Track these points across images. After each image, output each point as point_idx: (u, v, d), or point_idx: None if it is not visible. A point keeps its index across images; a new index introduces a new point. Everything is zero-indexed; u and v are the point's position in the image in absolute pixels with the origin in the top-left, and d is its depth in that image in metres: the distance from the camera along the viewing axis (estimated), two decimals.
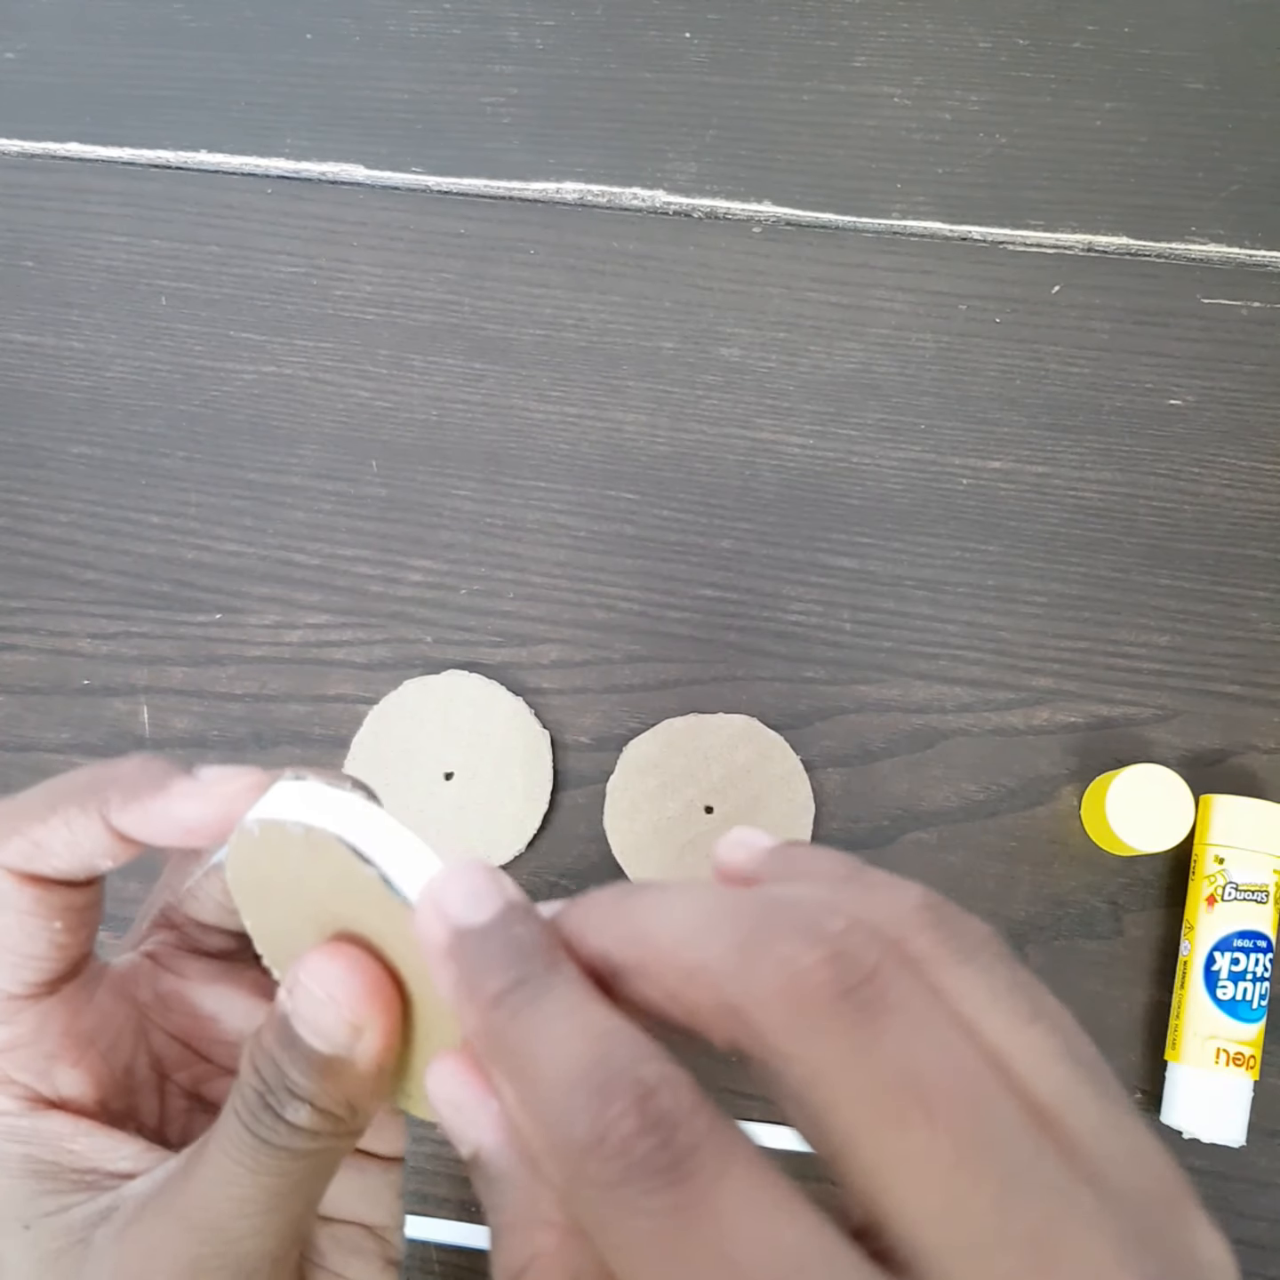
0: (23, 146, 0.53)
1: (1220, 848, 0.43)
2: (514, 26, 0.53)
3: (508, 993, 0.16)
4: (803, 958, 0.15)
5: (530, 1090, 0.16)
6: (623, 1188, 0.14)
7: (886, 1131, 0.14)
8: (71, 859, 0.22)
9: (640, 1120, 0.14)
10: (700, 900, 0.17)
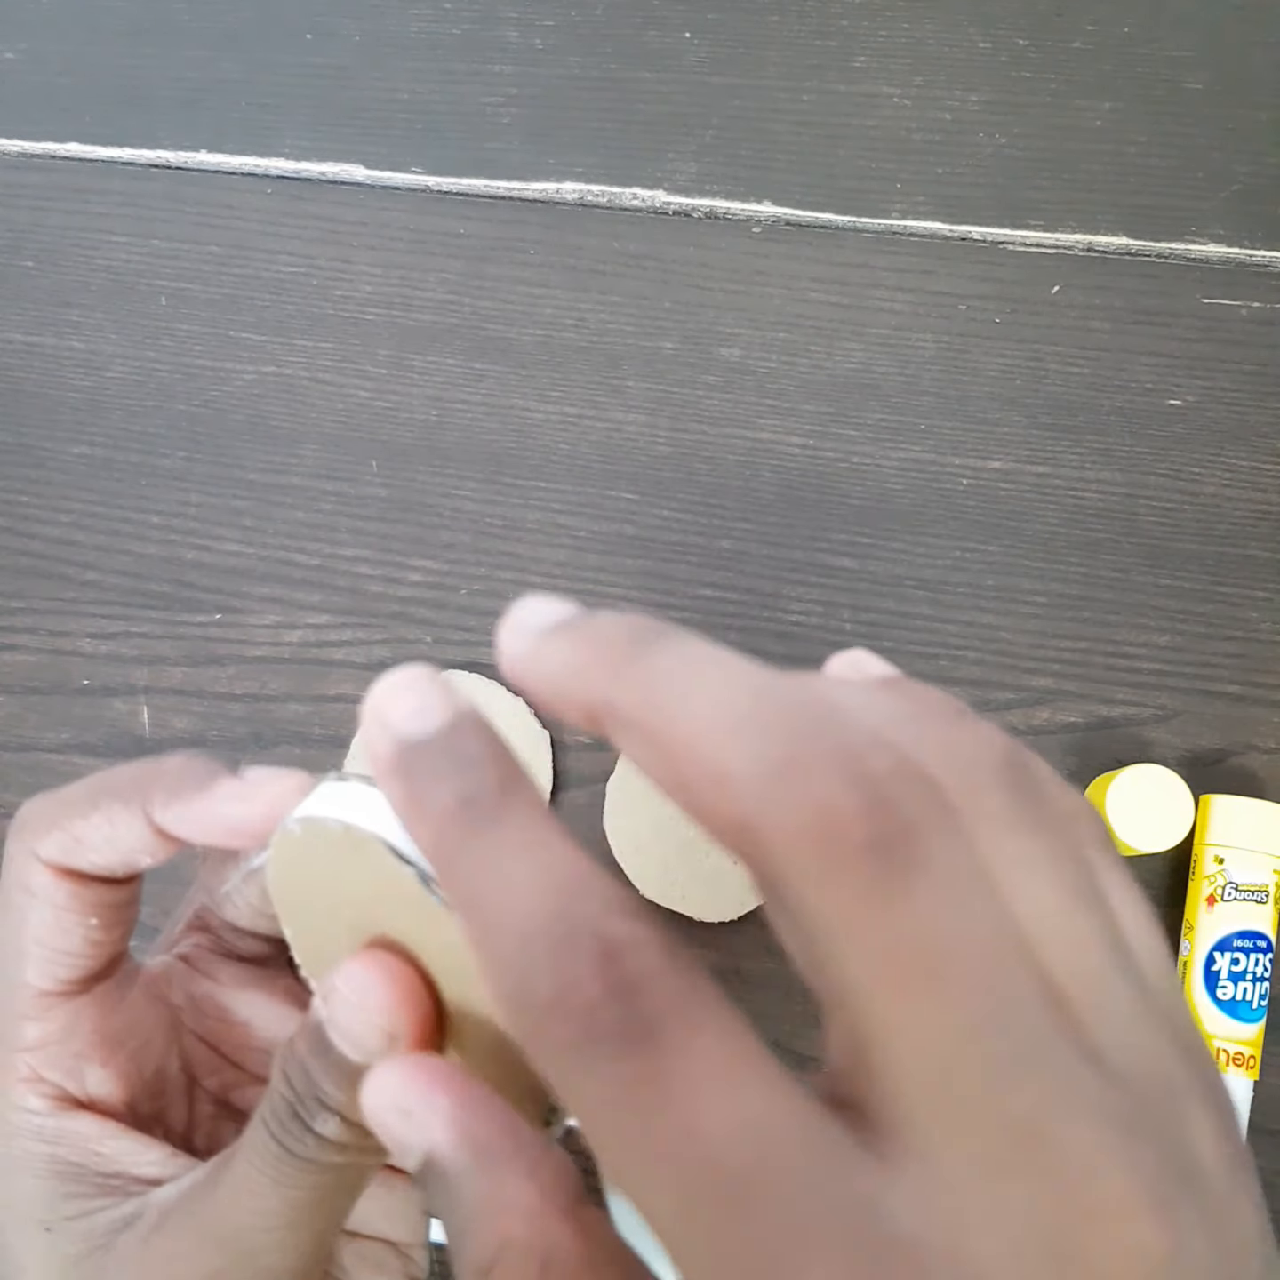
0: (23, 146, 0.53)
1: (1220, 848, 0.43)
2: (514, 26, 0.53)
3: (457, 811, 0.15)
4: (839, 798, 0.14)
5: (484, 933, 0.15)
6: (583, 1050, 0.13)
7: (892, 995, 0.13)
8: (111, 854, 0.22)
9: (603, 982, 0.13)
10: (738, 683, 0.15)
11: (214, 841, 0.22)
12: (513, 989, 0.14)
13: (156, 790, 0.22)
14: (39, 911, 0.22)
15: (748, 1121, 0.13)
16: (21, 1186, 0.22)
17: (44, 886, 0.22)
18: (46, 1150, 0.22)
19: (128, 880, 0.23)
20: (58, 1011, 0.22)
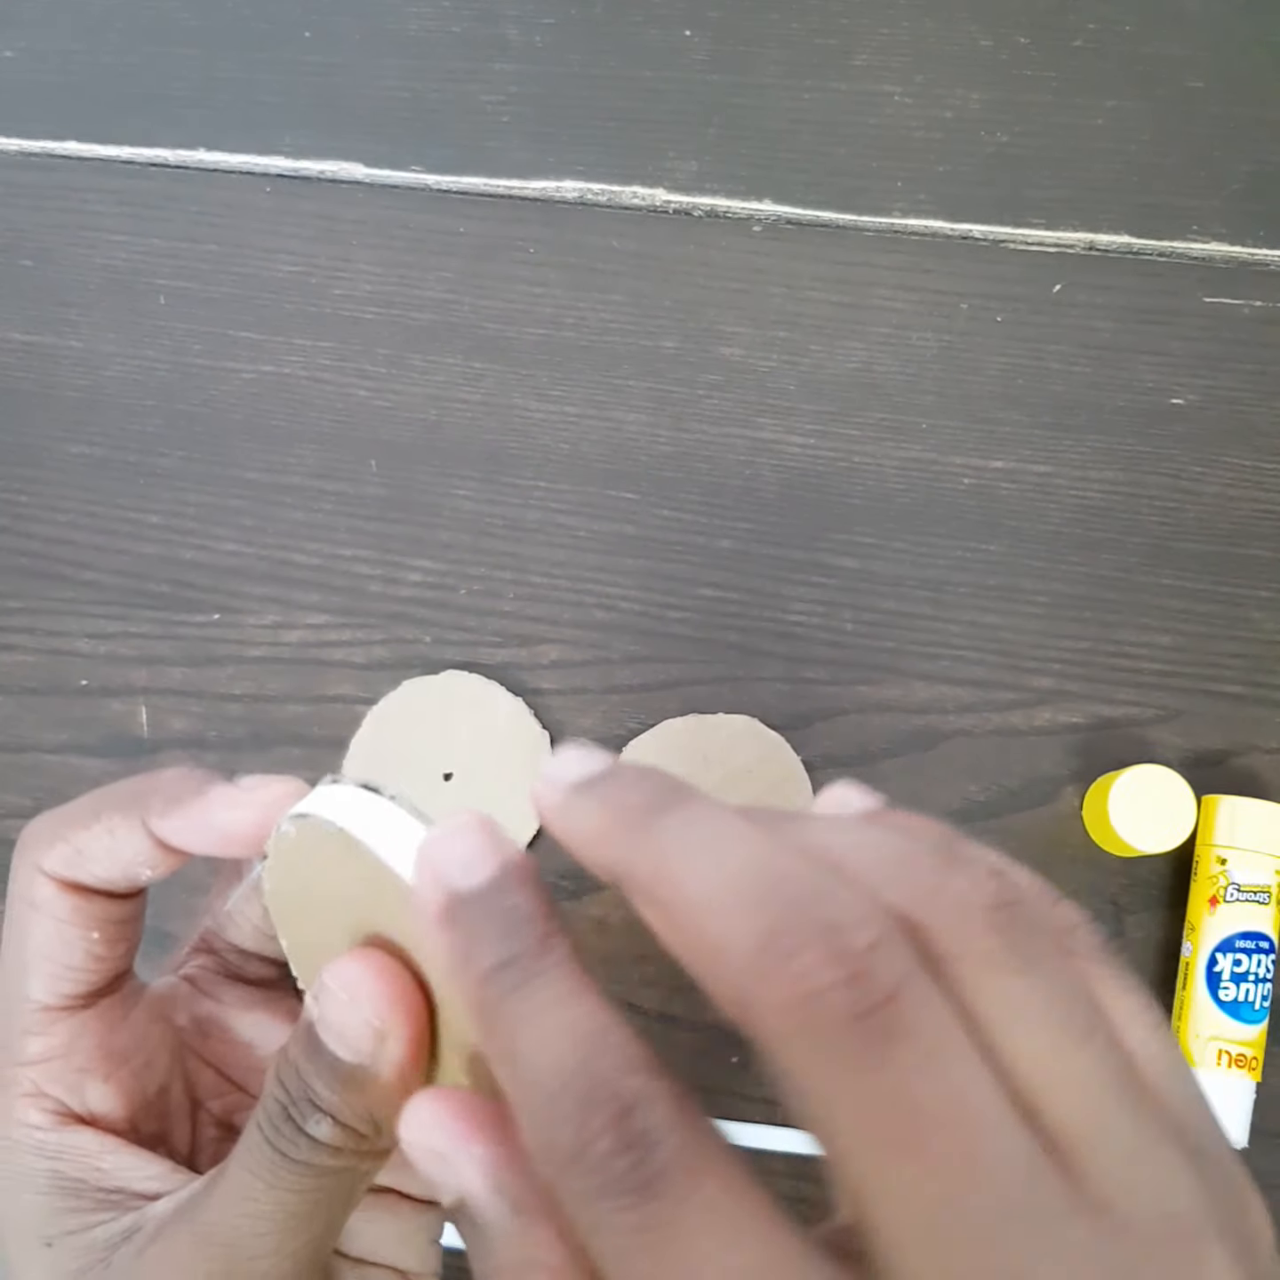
0: (21, 145, 0.53)
1: (1222, 848, 0.43)
2: (513, 24, 0.53)
3: (498, 971, 0.16)
4: (822, 974, 0.14)
5: (517, 1084, 0.16)
6: (599, 1202, 0.14)
7: (877, 1159, 0.14)
8: (112, 866, 0.22)
9: (616, 1138, 0.14)
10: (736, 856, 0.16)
11: (211, 850, 0.22)
12: (542, 1141, 0.15)
13: (154, 800, 0.22)
14: (42, 925, 0.22)
15: (746, 1271, 0.14)
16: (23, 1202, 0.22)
17: (47, 900, 0.22)
18: (48, 1165, 0.22)
19: (130, 895, 0.23)
20: (60, 1026, 0.22)
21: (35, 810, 0.47)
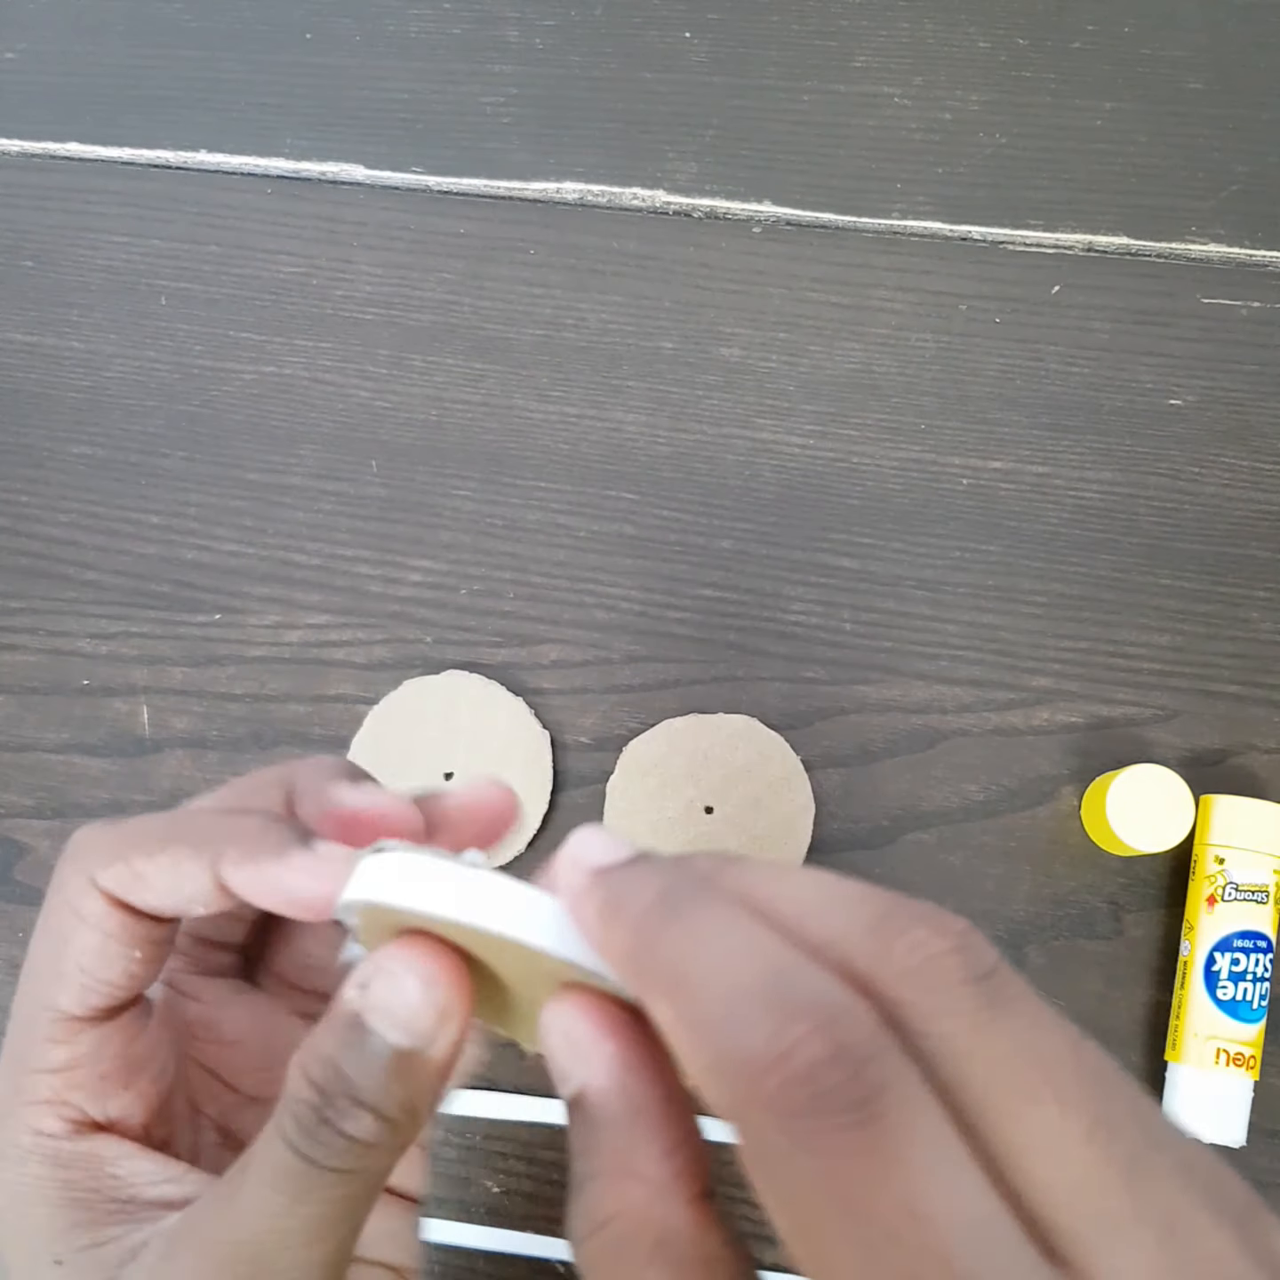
0: (23, 146, 0.53)
1: (1220, 848, 0.43)
2: (514, 26, 0.53)
3: (660, 901, 0.16)
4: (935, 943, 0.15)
5: (693, 1002, 0.15)
6: (806, 1119, 0.13)
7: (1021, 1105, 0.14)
8: (169, 899, 0.22)
9: (828, 1046, 0.13)
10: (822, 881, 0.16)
11: (273, 907, 0.21)
12: (729, 1048, 0.14)
13: (230, 847, 0.21)
14: (86, 937, 0.22)
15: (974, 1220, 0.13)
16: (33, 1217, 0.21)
17: (96, 913, 0.22)
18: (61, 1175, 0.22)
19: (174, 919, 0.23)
20: (85, 1036, 0.22)
21: (37, 810, 0.47)
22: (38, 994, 0.22)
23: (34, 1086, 0.22)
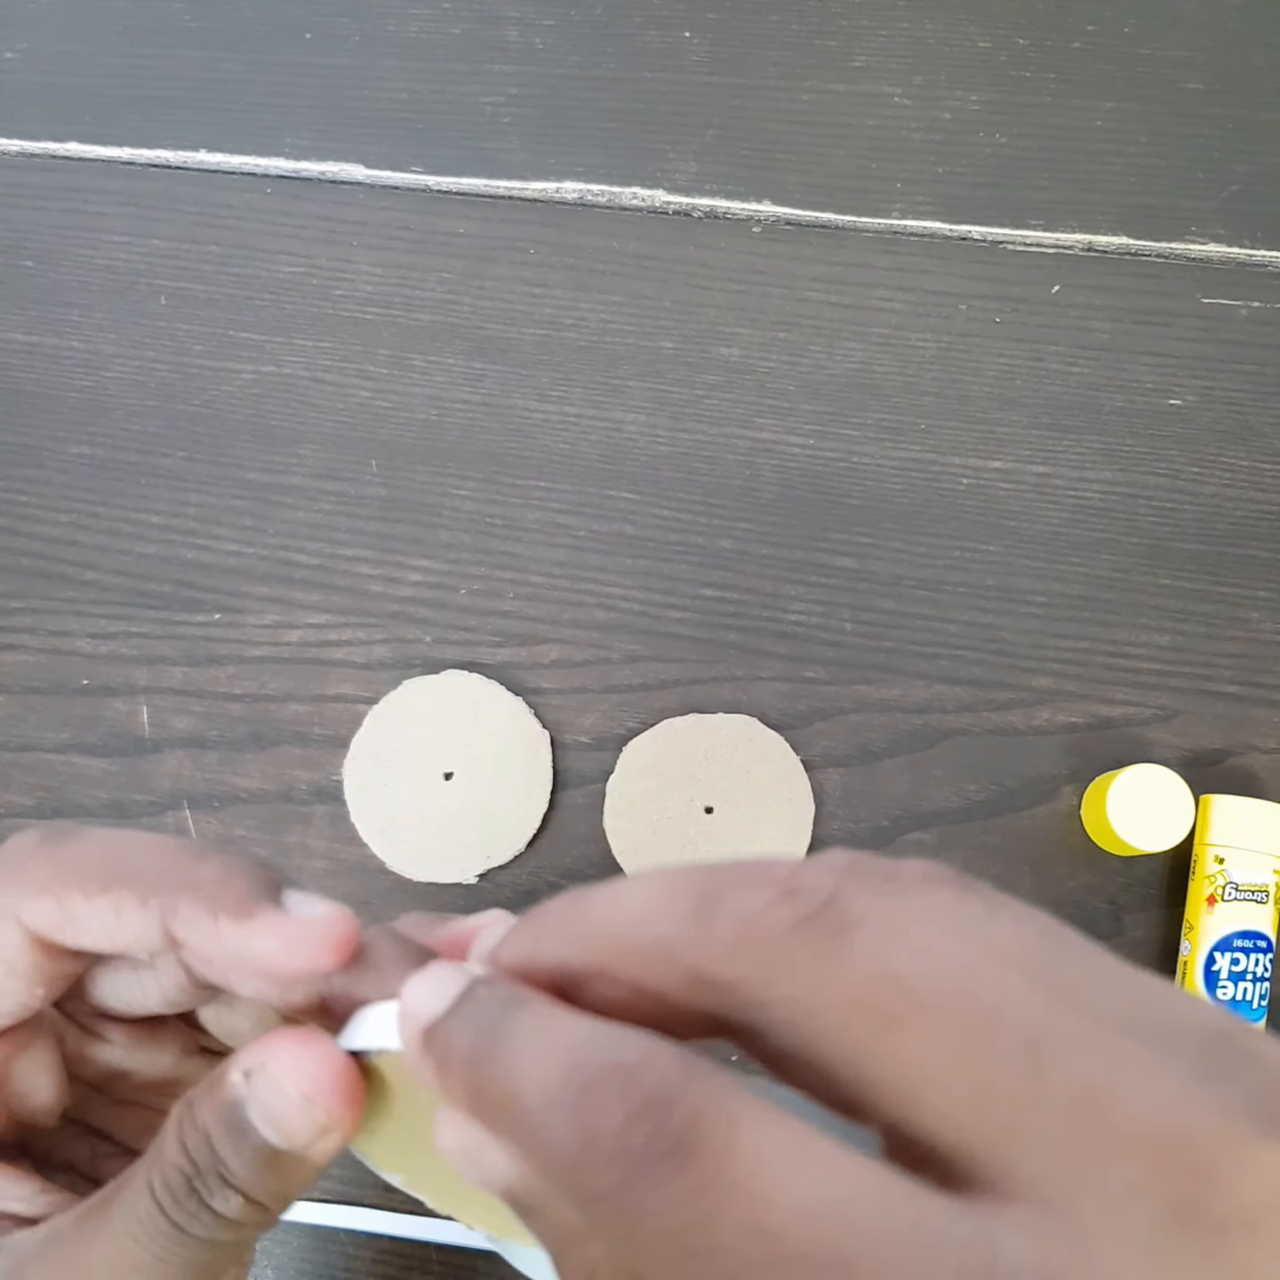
0: (23, 146, 0.53)
1: (1220, 848, 0.43)
2: (513, 26, 0.53)
3: (474, 1045, 0.15)
4: (754, 901, 0.14)
5: (518, 1127, 0.14)
6: (629, 1190, 0.13)
7: (884, 1037, 0.13)
8: (103, 942, 0.19)
9: (625, 1107, 0.13)
10: (647, 884, 0.16)
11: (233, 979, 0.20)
12: (551, 1160, 0.14)
13: (183, 899, 0.19)
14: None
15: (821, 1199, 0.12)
16: None
17: (8, 947, 0.19)
18: None
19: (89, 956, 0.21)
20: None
21: (37, 810, 0.47)
22: None
23: None
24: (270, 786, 0.47)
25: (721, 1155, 0.12)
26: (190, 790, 0.47)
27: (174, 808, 0.47)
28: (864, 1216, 0.12)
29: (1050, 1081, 0.12)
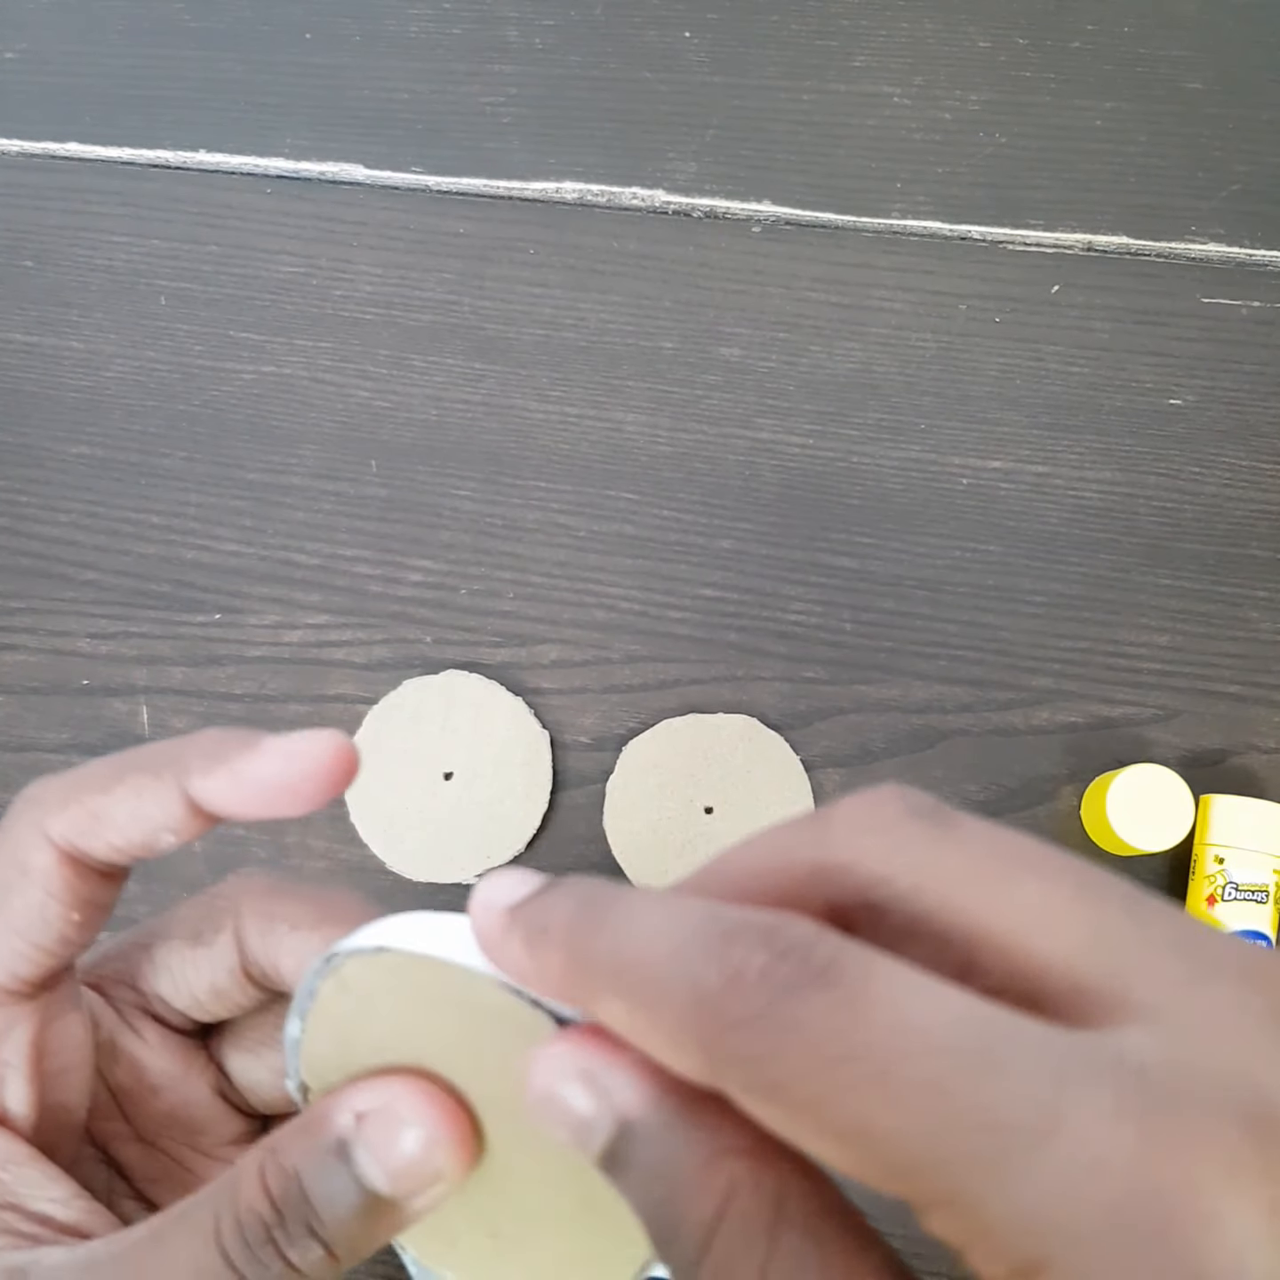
0: (22, 146, 0.53)
1: (1220, 848, 0.43)
2: (513, 26, 0.53)
3: (581, 909, 0.15)
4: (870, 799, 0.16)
5: (640, 982, 0.14)
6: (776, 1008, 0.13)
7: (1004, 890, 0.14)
8: (134, 832, 0.20)
9: (771, 951, 0.13)
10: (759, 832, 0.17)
11: (253, 810, 0.20)
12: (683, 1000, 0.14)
13: (194, 759, 0.19)
14: (26, 895, 0.20)
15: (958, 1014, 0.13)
16: None
17: (42, 869, 0.20)
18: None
19: (118, 877, 0.21)
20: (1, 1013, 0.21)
21: None
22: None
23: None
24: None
25: (862, 981, 0.13)
26: None
27: None
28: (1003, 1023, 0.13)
29: (1154, 930, 0.14)
